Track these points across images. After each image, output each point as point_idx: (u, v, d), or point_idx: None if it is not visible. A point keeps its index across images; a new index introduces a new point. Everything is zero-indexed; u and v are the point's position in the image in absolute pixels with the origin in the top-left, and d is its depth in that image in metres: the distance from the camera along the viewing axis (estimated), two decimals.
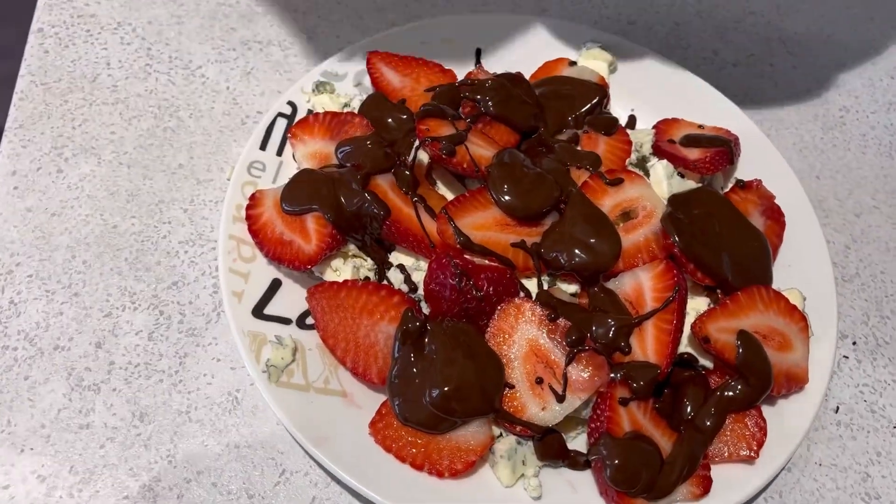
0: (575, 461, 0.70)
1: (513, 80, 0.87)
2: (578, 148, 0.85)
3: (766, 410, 0.73)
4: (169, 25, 1.01)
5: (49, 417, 0.71)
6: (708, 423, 0.70)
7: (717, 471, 0.70)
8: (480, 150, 0.79)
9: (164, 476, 0.70)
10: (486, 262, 0.73)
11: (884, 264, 0.92)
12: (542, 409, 0.68)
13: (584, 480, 0.70)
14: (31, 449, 0.70)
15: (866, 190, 0.98)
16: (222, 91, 0.95)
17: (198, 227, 0.84)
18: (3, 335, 0.75)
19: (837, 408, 0.81)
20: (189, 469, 0.70)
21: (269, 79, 0.97)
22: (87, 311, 0.77)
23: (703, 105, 0.94)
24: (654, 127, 0.91)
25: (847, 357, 0.85)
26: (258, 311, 0.74)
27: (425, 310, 0.73)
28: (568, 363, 0.68)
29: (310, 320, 0.75)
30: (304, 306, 0.75)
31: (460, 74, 0.92)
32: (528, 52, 0.96)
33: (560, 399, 0.67)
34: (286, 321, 0.74)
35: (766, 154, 0.91)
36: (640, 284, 0.74)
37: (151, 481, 0.69)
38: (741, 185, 0.84)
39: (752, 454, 0.70)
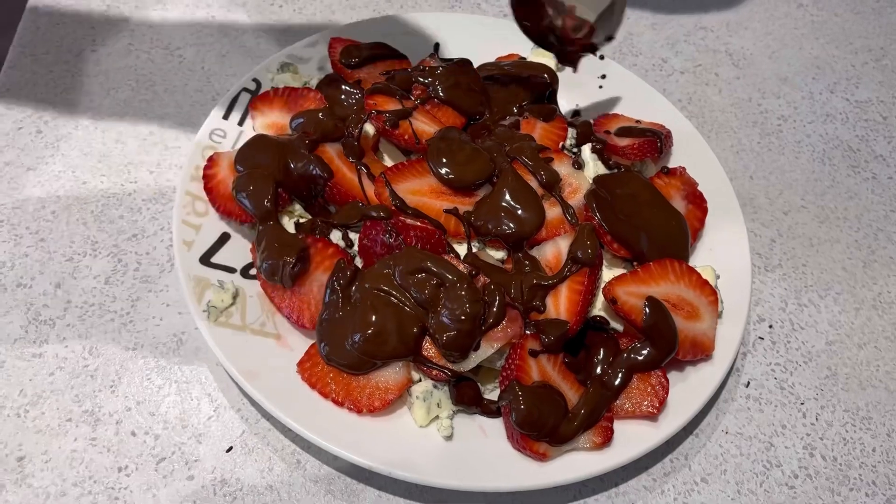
0: (487, 408, 0.75)
1: (463, 70, 0.94)
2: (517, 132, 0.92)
3: (674, 376, 0.78)
4: (155, 11, 1.09)
5: (5, 346, 0.77)
6: (613, 380, 0.75)
7: (621, 426, 0.74)
8: (424, 126, 0.85)
9: (106, 403, 0.75)
10: (419, 223, 0.79)
11: (806, 258, 0.97)
12: None
13: (495, 427, 0.74)
14: None
15: (796, 191, 1.04)
16: (197, 70, 1.03)
17: (161, 188, 0.91)
18: None
19: (748, 382, 0.86)
20: (130, 399, 0.76)
21: (242, 63, 1.05)
22: (51, 255, 0.84)
23: (644, 104, 1.01)
24: (594, 121, 0.98)
25: (762, 338, 0.90)
26: (205, 259, 0.80)
27: (360, 265, 0.79)
28: (484, 315, 0.73)
29: (253, 271, 0.80)
30: (249, 259, 0.81)
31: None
32: (482, 48, 1.03)
33: (475, 347, 0.73)
34: (231, 270, 0.80)
35: (698, 150, 0.97)
36: (559, 251, 0.79)
37: (94, 407, 0.75)
38: (665, 171, 0.90)
39: (653, 410, 0.75)
